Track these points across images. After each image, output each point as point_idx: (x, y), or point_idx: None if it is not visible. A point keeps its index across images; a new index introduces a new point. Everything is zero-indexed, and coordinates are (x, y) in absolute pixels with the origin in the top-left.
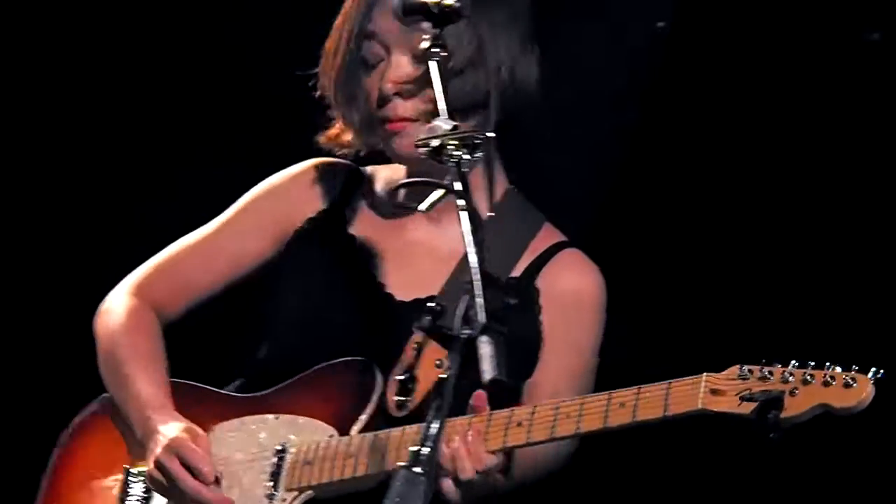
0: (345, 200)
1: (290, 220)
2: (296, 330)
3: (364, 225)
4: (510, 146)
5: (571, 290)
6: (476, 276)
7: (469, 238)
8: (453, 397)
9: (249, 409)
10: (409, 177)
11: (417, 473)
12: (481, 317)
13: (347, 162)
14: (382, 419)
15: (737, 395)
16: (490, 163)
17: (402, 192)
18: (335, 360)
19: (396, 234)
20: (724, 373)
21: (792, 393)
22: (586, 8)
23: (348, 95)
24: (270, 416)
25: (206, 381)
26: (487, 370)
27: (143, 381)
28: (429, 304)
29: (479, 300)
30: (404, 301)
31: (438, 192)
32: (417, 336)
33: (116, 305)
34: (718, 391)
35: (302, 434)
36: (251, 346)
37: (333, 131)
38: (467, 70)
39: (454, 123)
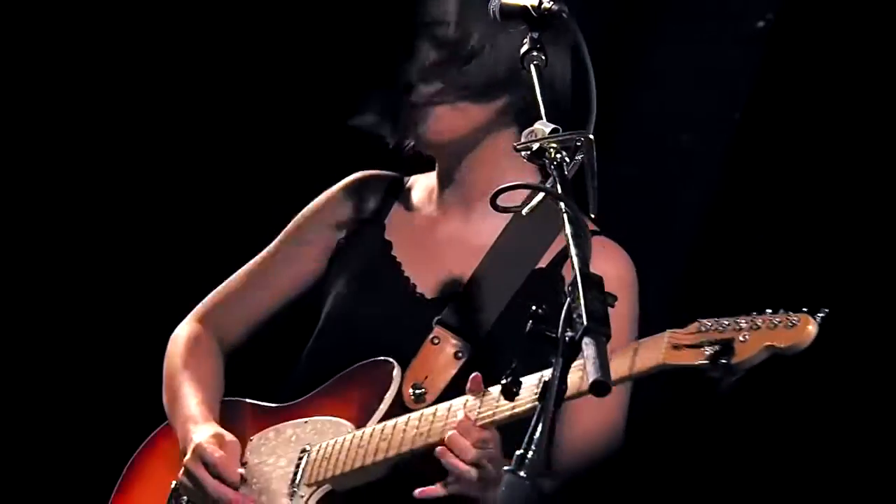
0: (384, 210)
1: (334, 236)
2: (333, 335)
3: (400, 229)
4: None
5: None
6: (578, 279)
7: (571, 241)
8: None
9: (285, 416)
10: (440, 174)
11: (521, 478)
12: (584, 319)
13: (389, 173)
14: (401, 412)
15: (693, 346)
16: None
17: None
18: (363, 361)
19: (429, 233)
20: (685, 328)
21: (743, 339)
22: (688, 9)
23: (384, 90)
24: (301, 421)
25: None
26: (591, 372)
27: (191, 400)
28: (533, 308)
29: (583, 302)
30: (430, 297)
31: (539, 196)
32: (438, 330)
33: (181, 333)
34: (679, 346)
35: (325, 433)
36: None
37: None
38: (479, 52)
39: (554, 126)
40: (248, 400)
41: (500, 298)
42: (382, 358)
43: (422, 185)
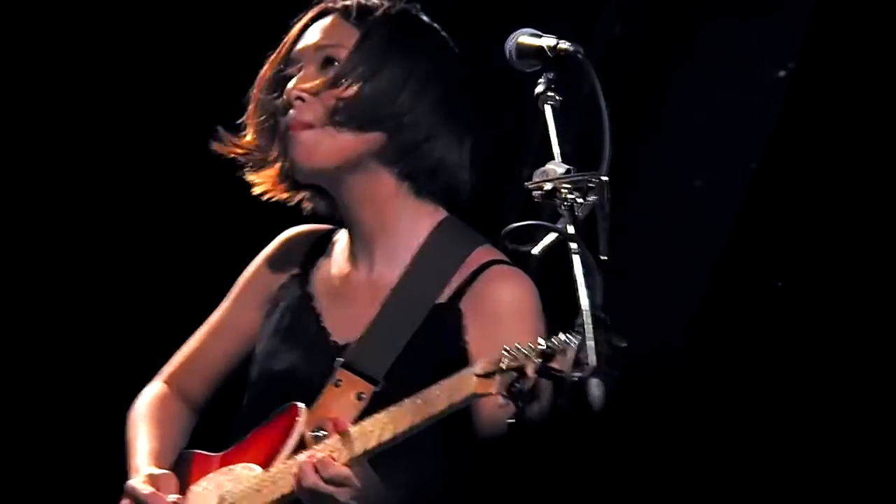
0: (309, 263)
1: (268, 293)
2: (258, 386)
3: (321, 281)
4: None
5: (492, 300)
6: (587, 320)
7: (581, 281)
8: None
9: (218, 465)
10: (342, 217)
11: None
12: (591, 360)
13: (321, 227)
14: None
15: (496, 373)
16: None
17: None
18: (278, 408)
19: (343, 280)
20: (491, 357)
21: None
22: (709, 56)
23: (265, 122)
24: (226, 469)
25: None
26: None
27: (139, 452)
28: (542, 346)
29: (590, 343)
30: (342, 343)
31: (551, 236)
32: (340, 372)
33: (145, 393)
34: (486, 374)
35: (240, 479)
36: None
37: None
38: (362, 82)
39: (567, 167)
40: (198, 451)
41: (400, 336)
42: (292, 403)
43: (345, 236)
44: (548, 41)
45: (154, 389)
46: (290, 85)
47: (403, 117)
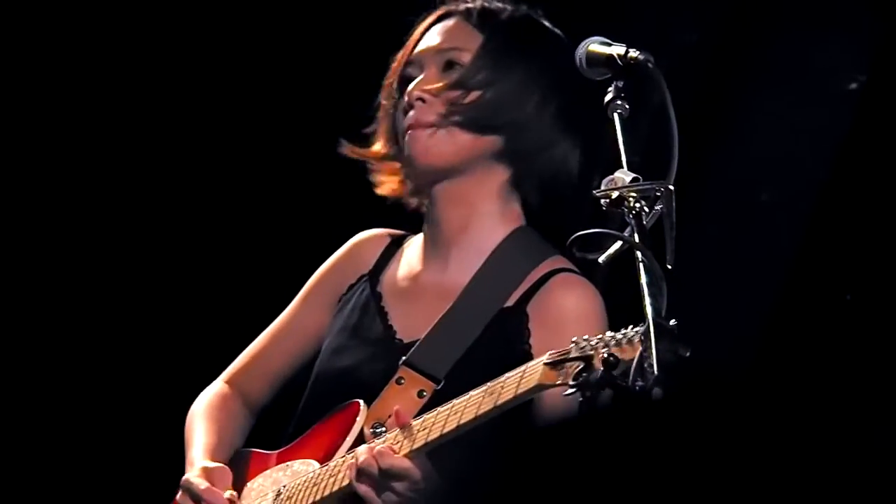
0: (381, 264)
1: (340, 291)
2: (320, 383)
3: (391, 281)
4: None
5: (556, 306)
6: (652, 328)
7: (646, 289)
8: None
9: (275, 461)
10: (425, 217)
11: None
12: (655, 368)
13: (395, 231)
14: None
15: (563, 363)
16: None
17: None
18: (339, 405)
19: (413, 281)
20: (562, 349)
21: (602, 355)
22: (780, 68)
23: (389, 123)
24: (284, 465)
25: None
26: None
27: (196, 447)
28: (605, 356)
29: (654, 352)
30: (407, 341)
31: (618, 244)
32: (402, 370)
33: (205, 392)
34: (554, 364)
35: (298, 474)
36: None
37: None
38: (486, 86)
39: (634, 175)
40: (255, 449)
41: (465, 338)
42: (352, 400)
43: (418, 240)
44: (618, 49)
45: (215, 388)
46: (412, 86)
47: (524, 124)
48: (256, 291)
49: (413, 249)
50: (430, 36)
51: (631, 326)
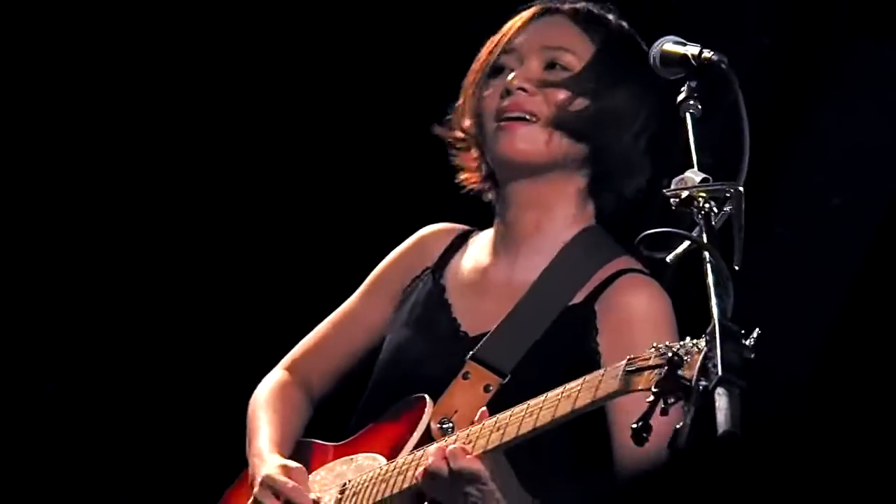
0: (446, 258)
1: (404, 283)
2: (384, 375)
3: (456, 274)
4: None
5: (625, 306)
6: (718, 329)
7: (713, 290)
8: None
9: (337, 454)
10: (497, 213)
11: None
12: (719, 369)
13: (461, 226)
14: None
15: (647, 369)
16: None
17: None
18: (404, 399)
19: (480, 275)
20: (644, 353)
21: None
22: (856, 80)
23: (476, 105)
24: (348, 458)
25: None
26: (721, 422)
27: (262, 437)
28: (670, 354)
29: (718, 352)
30: (473, 335)
31: (686, 244)
32: (469, 365)
33: (268, 379)
34: (635, 371)
35: (363, 469)
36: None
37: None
38: (595, 92)
39: (704, 176)
40: (312, 440)
41: (532, 333)
42: (418, 395)
43: (485, 235)
44: (692, 49)
45: (276, 376)
46: (513, 75)
47: (619, 142)
48: (317, 282)
49: (480, 244)
50: (534, 29)
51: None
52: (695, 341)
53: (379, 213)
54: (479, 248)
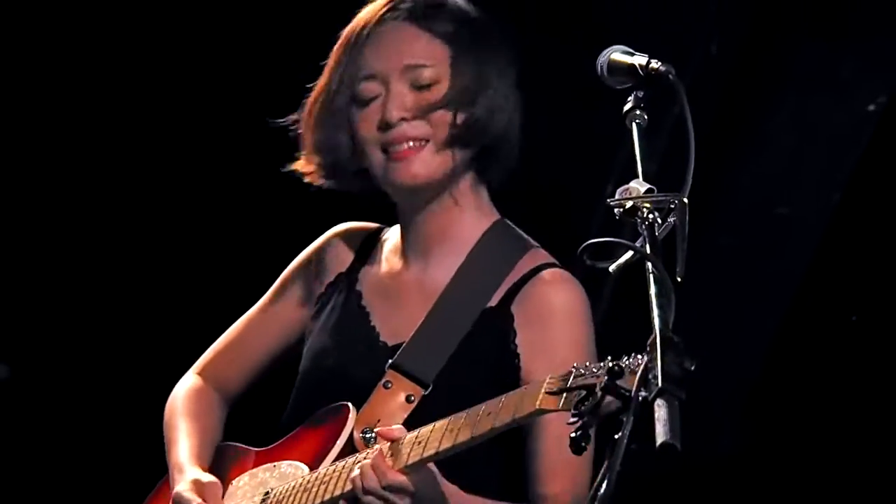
0: (358, 262)
1: (316, 288)
2: (306, 383)
3: (370, 280)
4: None
5: (542, 303)
6: (658, 340)
7: (654, 302)
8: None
9: (260, 461)
10: (402, 221)
11: None
12: (659, 380)
13: (369, 225)
14: (352, 453)
15: (563, 391)
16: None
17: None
18: (326, 407)
19: (393, 281)
20: (561, 373)
21: (602, 385)
22: (801, 84)
23: (330, 135)
24: (271, 465)
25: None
26: (660, 433)
27: (180, 448)
28: (610, 365)
29: (659, 363)
30: (391, 344)
31: (629, 254)
32: (390, 374)
33: (181, 385)
34: (553, 391)
35: (286, 477)
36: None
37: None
38: (465, 102)
39: (649, 186)
40: (234, 444)
41: (451, 340)
42: (341, 403)
43: (395, 234)
44: (640, 59)
45: (190, 381)
46: (387, 109)
47: (507, 130)
48: (222, 283)
49: (390, 245)
50: (385, 46)
51: (634, 354)
52: (615, 361)
53: (285, 211)
54: (391, 249)
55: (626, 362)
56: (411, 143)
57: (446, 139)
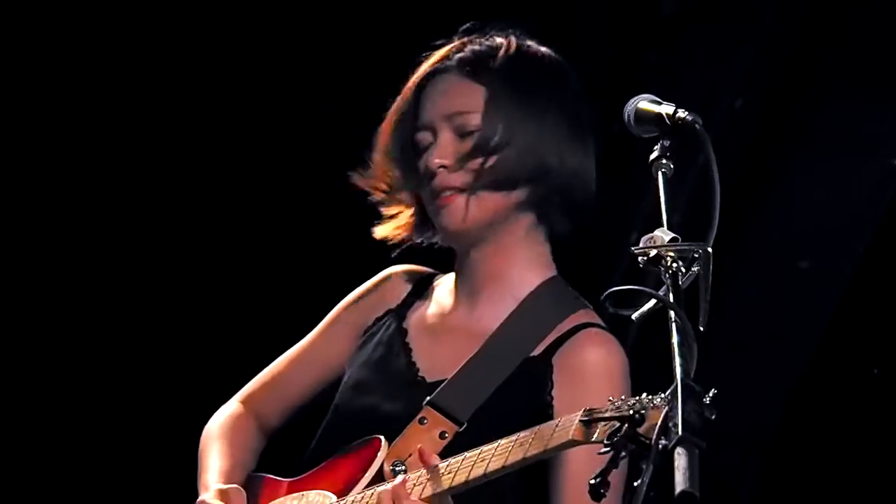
0: (409, 301)
1: (365, 323)
2: (340, 414)
3: (418, 318)
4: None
5: (581, 360)
6: (680, 388)
7: (676, 351)
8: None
9: (289, 490)
10: (456, 264)
11: None
12: (679, 428)
13: (424, 269)
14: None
15: (600, 421)
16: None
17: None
18: (359, 439)
19: (440, 321)
20: (601, 406)
21: (639, 417)
22: (827, 142)
23: (405, 180)
24: (298, 494)
25: None
26: (679, 482)
27: (212, 469)
28: (630, 412)
29: (679, 411)
30: (430, 381)
31: (652, 303)
32: (426, 410)
33: (222, 411)
34: (590, 421)
35: None
36: None
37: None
38: (504, 145)
39: (673, 235)
40: (265, 474)
41: (490, 383)
42: (374, 436)
43: (449, 280)
44: (667, 109)
45: (230, 409)
46: (430, 155)
47: (549, 166)
48: (278, 313)
49: (443, 288)
50: (434, 98)
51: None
52: (650, 397)
53: (343, 249)
54: (443, 292)
55: (662, 398)
56: (450, 192)
57: (482, 186)
